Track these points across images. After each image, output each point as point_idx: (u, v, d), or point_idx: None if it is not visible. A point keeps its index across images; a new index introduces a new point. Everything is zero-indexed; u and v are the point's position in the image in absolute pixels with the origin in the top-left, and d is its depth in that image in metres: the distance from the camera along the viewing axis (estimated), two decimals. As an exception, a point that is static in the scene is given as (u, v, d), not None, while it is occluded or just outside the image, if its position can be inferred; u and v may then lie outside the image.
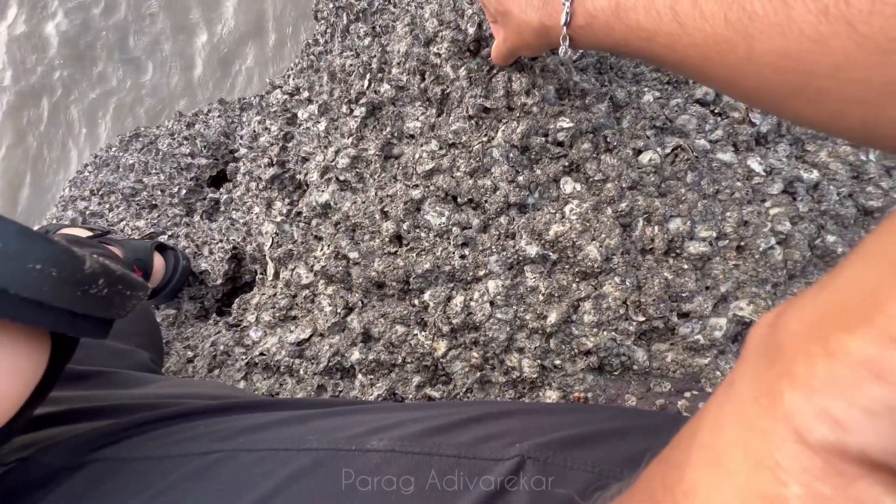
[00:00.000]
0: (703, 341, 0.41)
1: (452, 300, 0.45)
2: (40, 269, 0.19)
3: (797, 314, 0.10)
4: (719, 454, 0.11)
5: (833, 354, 0.09)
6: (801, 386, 0.09)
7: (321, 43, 1.08)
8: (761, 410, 0.10)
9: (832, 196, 0.45)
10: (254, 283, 0.75)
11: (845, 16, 0.18)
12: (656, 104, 0.51)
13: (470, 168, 0.48)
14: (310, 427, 0.27)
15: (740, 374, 0.11)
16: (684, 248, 0.43)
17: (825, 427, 0.09)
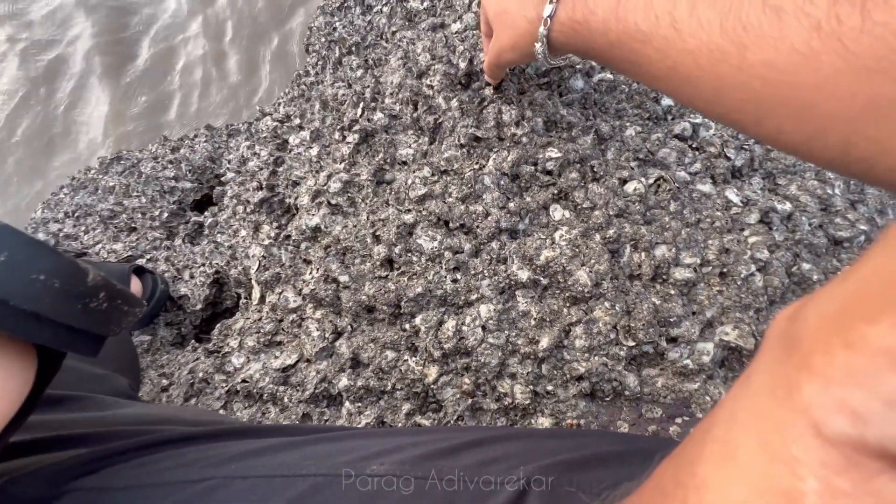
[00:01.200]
0: (692, 366, 0.42)
1: (444, 324, 0.45)
2: (44, 280, 0.18)
3: (816, 307, 0.10)
4: (733, 448, 0.10)
5: (852, 345, 0.09)
6: (820, 378, 0.09)
7: (312, 74, 1.11)
8: (778, 403, 0.10)
9: (804, 226, 0.47)
10: (235, 309, 0.73)
11: (836, 33, 0.18)
12: (638, 138, 0.53)
13: (462, 194, 0.49)
14: (306, 452, 0.26)
15: (757, 367, 0.11)
16: (670, 274, 0.44)
17: (844, 419, 0.09)
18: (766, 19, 0.21)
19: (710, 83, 0.24)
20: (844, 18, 0.18)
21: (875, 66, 0.18)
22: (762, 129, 0.23)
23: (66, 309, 0.19)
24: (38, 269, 0.18)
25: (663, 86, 0.28)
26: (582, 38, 0.32)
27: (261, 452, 0.26)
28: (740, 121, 0.24)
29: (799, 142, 0.22)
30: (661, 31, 0.25)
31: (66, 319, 0.20)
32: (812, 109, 0.20)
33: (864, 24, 0.18)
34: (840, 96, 0.19)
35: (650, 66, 0.27)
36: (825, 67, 0.19)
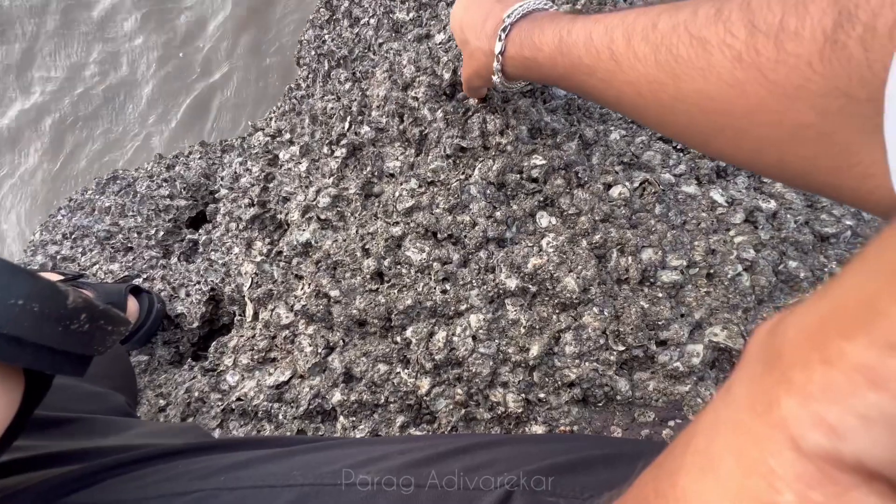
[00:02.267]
0: (682, 368, 0.42)
1: (435, 336, 0.45)
2: (22, 305, 0.19)
3: (796, 321, 0.10)
4: (713, 460, 0.11)
5: (830, 361, 0.09)
6: (798, 392, 0.09)
7: (303, 87, 1.12)
8: (757, 416, 0.10)
9: (790, 224, 0.47)
10: (231, 326, 0.73)
11: (756, 63, 0.19)
12: (622, 141, 0.54)
13: (449, 205, 0.50)
14: (293, 462, 0.27)
15: (738, 380, 0.11)
16: (658, 277, 0.44)
17: (820, 434, 0.09)
18: (694, 52, 0.22)
19: (654, 109, 0.25)
20: (761, 49, 0.19)
21: (794, 93, 0.19)
22: (710, 149, 0.25)
23: (47, 331, 0.20)
24: (16, 294, 0.19)
25: (617, 109, 0.29)
26: (533, 71, 0.34)
27: (247, 464, 0.26)
28: (689, 141, 0.25)
29: (742, 159, 0.23)
30: (602, 65, 0.27)
31: (48, 342, 0.20)
32: (745, 134, 0.21)
33: (779, 54, 0.19)
34: (768, 122, 0.20)
35: (599, 94, 0.29)
36: (751, 96, 0.20)
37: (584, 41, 0.28)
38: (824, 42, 0.17)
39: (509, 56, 0.36)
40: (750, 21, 0.20)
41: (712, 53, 0.21)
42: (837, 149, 0.18)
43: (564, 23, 0.31)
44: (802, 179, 0.20)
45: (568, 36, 0.29)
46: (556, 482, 0.24)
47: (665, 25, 0.23)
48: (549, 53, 0.31)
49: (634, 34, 0.25)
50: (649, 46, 0.24)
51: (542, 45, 0.32)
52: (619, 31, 0.26)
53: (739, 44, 0.20)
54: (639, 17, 0.25)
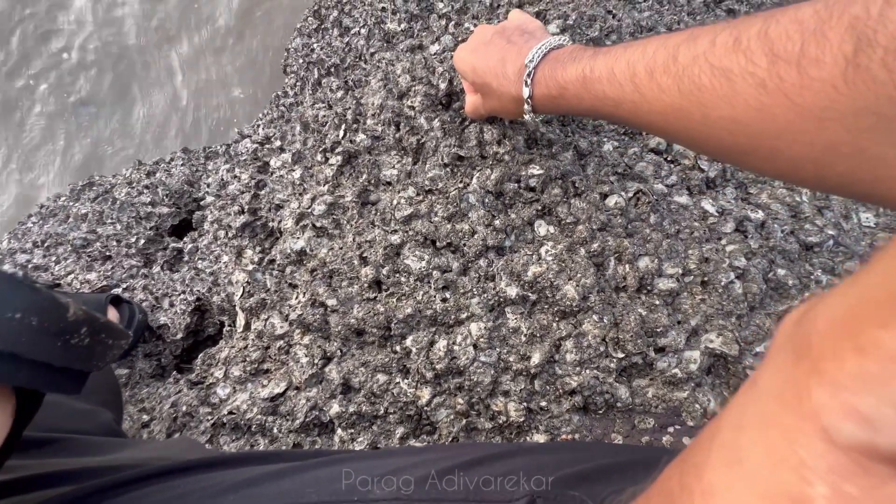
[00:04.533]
0: (680, 375, 0.43)
1: (435, 344, 0.45)
2: (20, 319, 0.18)
3: (825, 310, 0.10)
4: (740, 453, 0.10)
5: (864, 350, 0.08)
6: (830, 382, 0.09)
7: (291, 95, 1.11)
8: (786, 408, 0.10)
9: (777, 233, 0.49)
10: (218, 337, 0.71)
11: (781, 89, 0.20)
12: (616, 153, 0.55)
13: (447, 213, 0.50)
14: (305, 478, 0.26)
15: (765, 371, 0.11)
16: (655, 284, 0.45)
17: (854, 425, 0.08)
18: (717, 81, 0.23)
19: (684, 135, 0.26)
20: (785, 76, 0.20)
21: (822, 114, 0.19)
22: (746, 166, 0.26)
23: (45, 347, 0.19)
24: (13, 307, 0.18)
25: (648, 132, 0.30)
26: (561, 107, 0.35)
27: (258, 481, 0.25)
28: (724, 160, 0.26)
29: (780, 175, 0.24)
30: (627, 97, 0.28)
31: (46, 358, 0.19)
32: (779, 153, 0.22)
33: (803, 80, 0.19)
34: (801, 142, 0.21)
35: (628, 122, 0.30)
36: (779, 119, 0.21)
37: (607, 77, 0.29)
38: (846, 66, 0.18)
39: (537, 98, 0.37)
40: (770, 50, 0.20)
41: (735, 82, 0.22)
42: (874, 162, 0.19)
43: (586, 60, 0.31)
44: (843, 190, 0.21)
45: (591, 73, 0.30)
46: (576, 492, 0.24)
47: (685, 57, 0.24)
48: (574, 92, 0.32)
49: (656, 67, 0.26)
50: (671, 79, 0.25)
51: (567, 83, 0.32)
52: (640, 66, 0.27)
53: (762, 71, 0.21)
54: (658, 50, 0.26)
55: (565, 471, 0.26)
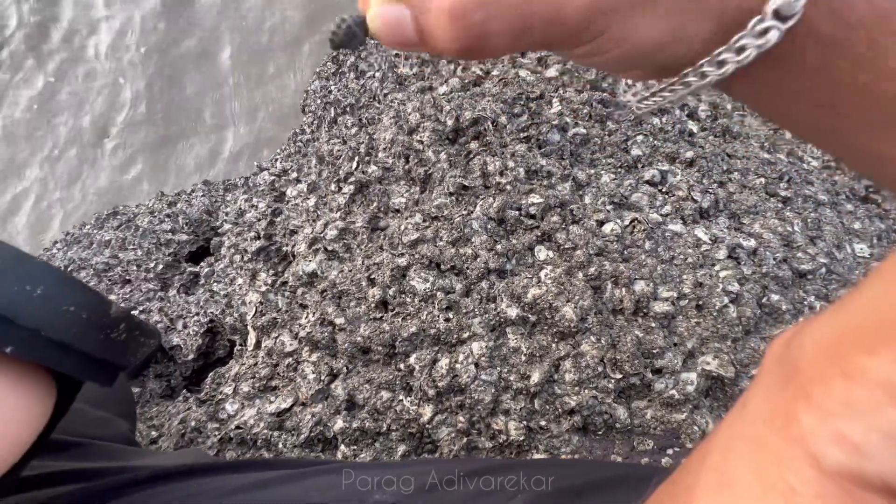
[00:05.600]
0: (677, 396, 0.43)
1: (438, 363, 0.46)
2: (73, 312, 0.20)
3: (814, 335, 0.10)
4: (729, 477, 0.10)
5: (851, 376, 0.09)
6: (818, 408, 0.09)
7: (308, 132, 1.17)
8: (775, 432, 0.10)
9: (770, 261, 0.51)
10: (228, 358, 0.73)
11: None
12: (612, 184, 0.58)
13: (452, 238, 0.52)
14: (307, 484, 0.27)
15: (754, 394, 0.11)
16: (650, 307, 0.47)
17: (842, 452, 0.08)
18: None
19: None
20: None
21: None
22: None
23: (91, 339, 0.21)
24: (69, 302, 0.20)
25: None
26: (819, 66, 0.17)
27: (263, 484, 0.26)
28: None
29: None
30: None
31: (90, 349, 0.21)
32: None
33: None
34: None
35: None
36: None
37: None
38: None
39: (804, 34, 0.15)
40: None
41: None
42: None
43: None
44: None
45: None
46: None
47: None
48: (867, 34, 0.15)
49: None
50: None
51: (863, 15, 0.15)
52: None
53: None
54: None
55: (561, 483, 0.26)
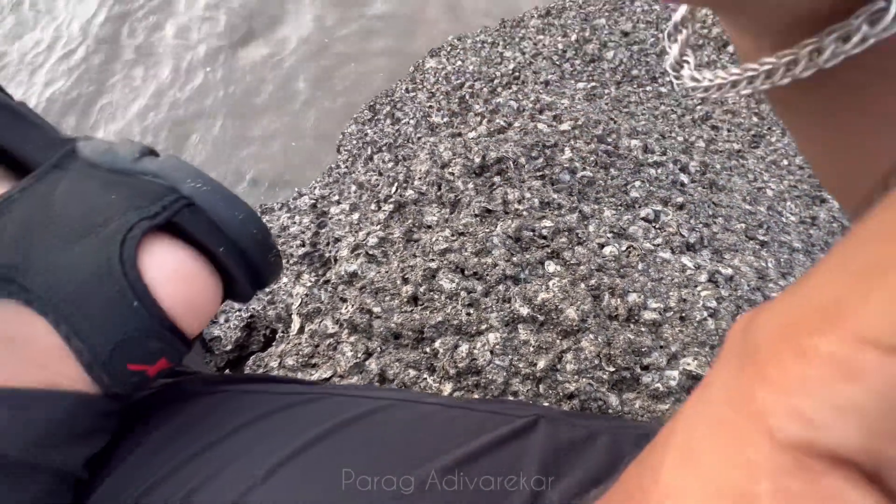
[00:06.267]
0: (662, 389, 0.51)
1: (459, 348, 0.55)
2: (255, 234, 0.30)
3: (769, 318, 0.11)
4: (693, 454, 0.11)
5: (804, 355, 0.09)
6: (773, 386, 0.09)
7: (343, 167, 1.32)
8: (734, 411, 0.10)
9: (744, 287, 0.60)
10: (261, 352, 0.80)
11: None
12: (613, 217, 0.69)
13: (475, 249, 0.62)
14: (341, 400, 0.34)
15: (715, 375, 0.12)
16: (641, 315, 0.55)
17: (796, 425, 0.09)
18: None
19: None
20: None
21: None
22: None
23: (262, 256, 0.30)
24: (254, 227, 0.30)
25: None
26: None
27: (345, 387, 0.34)
28: None
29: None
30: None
31: (258, 263, 0.31)
32: None
33: None
34: None
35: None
36: None
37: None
38: None
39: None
40: None
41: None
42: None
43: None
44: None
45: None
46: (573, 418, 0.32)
47: None
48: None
49: None
50: None
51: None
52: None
53: None
54: None
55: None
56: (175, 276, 0.27)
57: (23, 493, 0.24)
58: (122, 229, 0.26)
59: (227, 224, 0.28)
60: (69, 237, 0.25)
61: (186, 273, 0.28)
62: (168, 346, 0.27)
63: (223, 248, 0.28)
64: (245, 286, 0.31)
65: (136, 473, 0.27)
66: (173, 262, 0.27)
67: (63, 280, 0.25)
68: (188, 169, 0.28)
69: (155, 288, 0.26)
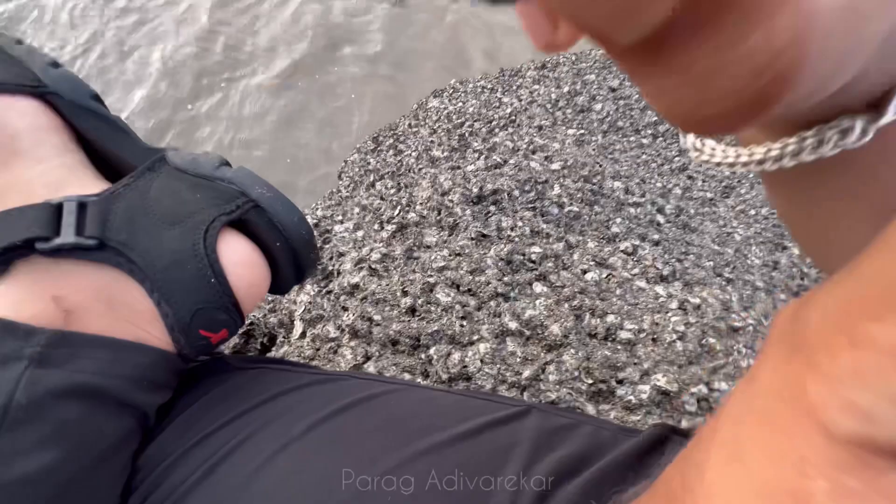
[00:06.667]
0: (634, 401, 0.56)
1: (451, 356, 0.59)
2: (304, 234, 0.35)
3: (819, 305, 0.10)
4: (739, 450, 0.10)
5: (858, 344, 0.08)
6: (826, 377, 0.09)
7: (345, 192, 1.38)
8: (784, 404, 0.10)
9: (710, 315, 0.66)
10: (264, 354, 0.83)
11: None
12: (595, 248, 0.76)
13: (471, 268, 0.68)
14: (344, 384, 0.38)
15: (761, 368, 0.11)
16: (617, 335, 0.61)
17: (852, 419, 0.08)
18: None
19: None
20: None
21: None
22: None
23: (307, 253, 0.36)
24: (305, 230, 0.36)
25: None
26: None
27: (354, 372, 0.39)
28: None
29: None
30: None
31: (304, 259, 0.36)
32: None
33: None
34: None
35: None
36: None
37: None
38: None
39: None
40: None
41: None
42: None
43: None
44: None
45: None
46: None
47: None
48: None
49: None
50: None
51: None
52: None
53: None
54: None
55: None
56: (242, 262, 0.33)
57: (118, 424, 0.29)
58: (206, 221, 0.32)
59: (284, 224, 0.34)
60: (164, 224, 0.32)
61: (250, 261, 0.33)
62: (230, 319, 0.33)
63: (279, 243, 0.34)
64: (288, 278, 0.37)
65: (187, 430, 0.32)
66: (241, 252, 0.33)
67: (158, 257, 0.31)
68: (256, 178, 0.34)
69: (227, 270, 0.32)
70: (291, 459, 0.29)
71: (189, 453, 0.30)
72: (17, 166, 0.30)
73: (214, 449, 0.30)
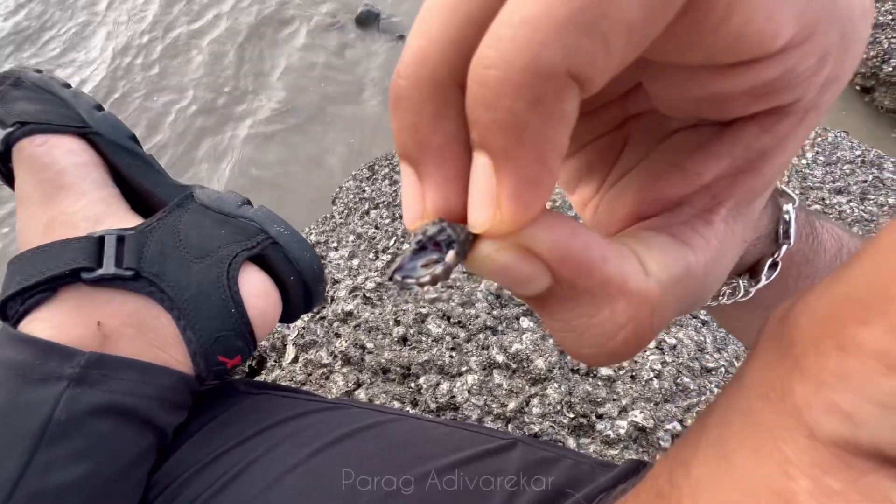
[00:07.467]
0: (612, 436, 0.59)
1: (440, 385, 0.62)
2: (315, 269, 0.39)
3: (807, 308, 0.10)
4: (727, 449, 0.10)
5: (845, 347, 0.09)
6: (812, 380, 0.09)
7: (338, 218, 1.41)
8: (770, 405, 0.10)
9: (685, 355, 0.70)
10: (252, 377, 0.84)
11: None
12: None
13: (462, 301, 0.72)
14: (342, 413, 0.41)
15: (750, 368, 0.11)
16: (598, 371, 0.65)
17: (836, 421, 0.09)
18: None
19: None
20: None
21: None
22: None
23: (316, 286, 0.39)
24: (316, 265, 0.39)
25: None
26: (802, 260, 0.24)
27: (353, 401, 0.41)
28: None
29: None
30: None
31: (314, 291, 0.39)
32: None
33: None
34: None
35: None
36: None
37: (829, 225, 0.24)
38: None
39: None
40: None
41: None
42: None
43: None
44: None
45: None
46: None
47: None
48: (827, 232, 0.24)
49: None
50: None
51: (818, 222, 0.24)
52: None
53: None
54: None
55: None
56: (259, 294, 0.36)
57: (140, 441, 0.31)
58: (229, 256, 0.36)
59: (298, 260, 0.37)
60: (192, 257, 0.35)
61: (266, 293, 0.36)
62: (245, 346, 0.35)
63: (293, 276, 0.37)
64: (297, 308, 0.40)
65: (203, 448, 0.33)
66: (259, 284, 0.36)
67: (186, 287, 0.34)
68: (274, 217, 0.38)
69: (246, 301, 0.35)
70: (299, 480, 0.31)
71: (204, 470, 0.32)
72: (63, 200, 0.34)
73: (227, 467, 0.32)
